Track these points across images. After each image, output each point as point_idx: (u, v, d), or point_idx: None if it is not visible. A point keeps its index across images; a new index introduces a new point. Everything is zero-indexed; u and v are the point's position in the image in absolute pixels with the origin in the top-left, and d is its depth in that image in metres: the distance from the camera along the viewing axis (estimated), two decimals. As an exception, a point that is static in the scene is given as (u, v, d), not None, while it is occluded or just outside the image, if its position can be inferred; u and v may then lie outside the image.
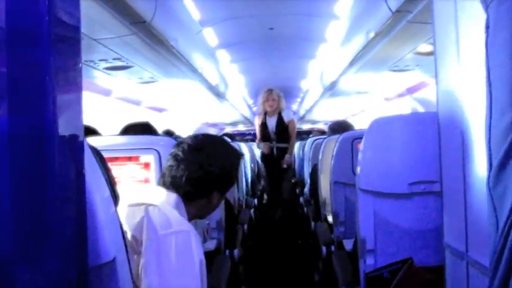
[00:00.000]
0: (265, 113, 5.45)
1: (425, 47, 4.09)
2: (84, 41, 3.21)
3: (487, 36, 0.98)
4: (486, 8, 0.98)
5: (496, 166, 0.94)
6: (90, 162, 0.85)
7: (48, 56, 0.64)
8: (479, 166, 1.21)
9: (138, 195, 1.40)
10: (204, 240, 2.12)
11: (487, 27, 0.98)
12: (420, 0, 2.93)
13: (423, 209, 1.96)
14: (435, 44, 1.56)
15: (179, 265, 1.23)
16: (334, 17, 5.13)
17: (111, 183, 0.93)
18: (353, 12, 4.57)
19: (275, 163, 5.48)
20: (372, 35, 4.11)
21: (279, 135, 5.38)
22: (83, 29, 0.77)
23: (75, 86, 0.74)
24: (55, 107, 0.64)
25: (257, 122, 5.58)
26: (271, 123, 5.41)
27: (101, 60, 4.04)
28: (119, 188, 1.20)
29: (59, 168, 0.66)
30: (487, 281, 1.00)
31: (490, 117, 0.97)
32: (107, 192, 0.89)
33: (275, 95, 5.37)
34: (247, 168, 5.51)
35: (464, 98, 1.34)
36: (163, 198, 1.40)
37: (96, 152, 0.91)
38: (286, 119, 5.40)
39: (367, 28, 4.18)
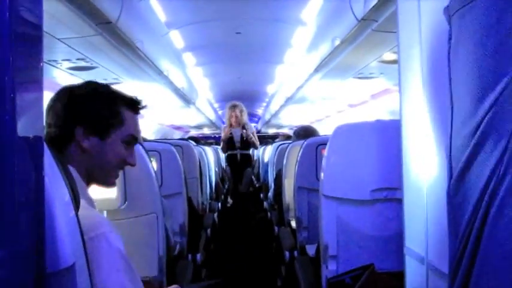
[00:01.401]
0: (230, 126, 6.56)
1: (389, 56, 4.16)
2: (47, 40, 3.14)
3: (449, 47, 1.01)
4: (449, 19, 1.00)
5: (456, 175, 0.96)
6: (50, 165, 0.83)
7: (7, 55, 0.62)
8: (440, 174, 1.23)
9: None
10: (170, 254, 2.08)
11: (450, 38, 1.00)
12: (386, 10, 2.97)
13: (385, 215, 1.99)
14: (399, 53, 1.58)
15: (109, 271, 1.12)
16: (301, 23, 5.16)
17: (71, 187, 0.91)
18: (319, 18, 4.61)
19: (239, 167, 6.57)
20: (337, 42, 4.15)
21: (243, 144, 6.50)
22: (46, 28, 0.75)
23: (36, 86, 0.72)
24: (14, 107, 0.62)
25: (223, 132, 6.70)
26: (236, 134, 6.52)
27: (64, 60, 3.96)
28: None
29: (17, 170, 0.64)
30: (446, 287, 1.02)
31: (451, 127, 0.99)
32: (67, 196, 0.87)
33: (238, 111, 6.50)
34: (211, 171, 5.50)
35: (426, 107, 1.36)
36: None
37: (57, 155, 0.88)
38: (249, 131, 6.53)
39: (333, 35, 4.22)
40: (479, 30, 0.87)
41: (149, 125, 10.30)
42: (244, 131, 6.47)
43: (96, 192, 1.74)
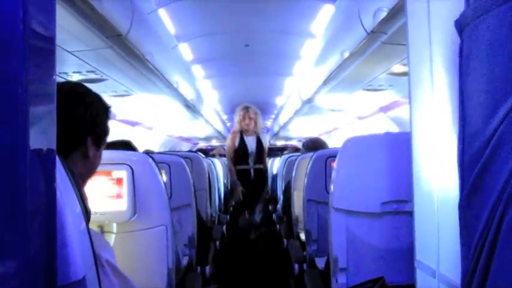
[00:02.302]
0: (241, 132, 5.17)
1: (398, 68, 4.16)
2: (58, 53, 3.17)
3: (460, 60, 1.00)
4: (460, 33, 1.00)
5: (468, 187, 0.95)
6: (61, 177, 0.83)
7: (21, 67, 0.62)
8: (451, 187, 1.22)
9: None
10: (179, 267, 2.06)
11: (461, 52, 1.00)
12: (395, 22, 2.98)
13: (395, 228, 1.97)
14: (409, 65, 1.58)
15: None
16: (310, 35, 5.19)
17: (82, 198, 0.91)
18: (329, 31, 4.63)
19: (253, 186, 5.20)
20: (346, 54, 4.16)
21: (257, 157, 5.14)
22: (57, 41, 0.76)
23: (49, 99, 0.73)
24: (27, 119, 0.63)
25: (230, 140, 5.22)
26: (250, 144, 5.14)
27: (74, 72, 4.00)
28: (90, 204, 1.17)
29: (29, 182, 0.64)
30: (459, 301, 1.01)
31: (463, 139, 0.98)
32: (78, 208, 0.87)
33: (252, 113, 5.12)
34: (220, 183, 5.49)
35: (437, 119, 1.36)
36: None
37: (68, 167, 0.89)
38: (264, 143, 5.20)
39: (342, 47, 4.23)
40: (492, 43, 0.87)
41: (158, 137, 10.34)
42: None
43: (106, 204, 1.75)
